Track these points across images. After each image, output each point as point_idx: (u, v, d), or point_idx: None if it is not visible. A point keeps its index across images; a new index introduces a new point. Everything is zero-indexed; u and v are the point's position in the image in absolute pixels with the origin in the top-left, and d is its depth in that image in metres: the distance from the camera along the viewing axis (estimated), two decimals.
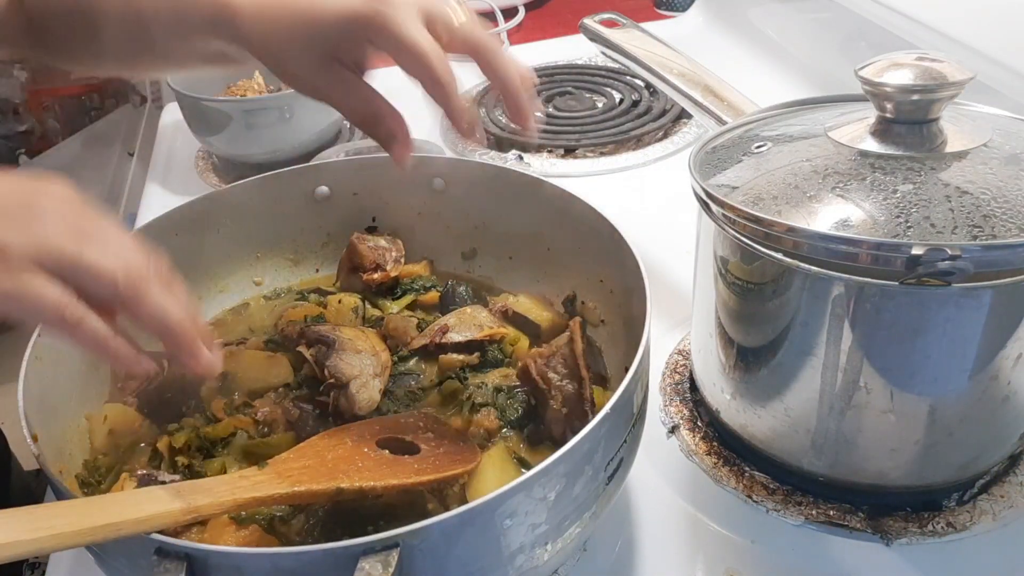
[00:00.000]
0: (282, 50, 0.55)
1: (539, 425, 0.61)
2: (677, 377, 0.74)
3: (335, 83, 0.55)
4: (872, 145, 0.56)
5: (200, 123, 1.09)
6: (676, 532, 0.61)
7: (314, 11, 0.53)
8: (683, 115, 1.15)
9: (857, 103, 0.62)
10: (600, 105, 1.20)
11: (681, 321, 0.79)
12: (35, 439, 0.52)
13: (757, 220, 0.54)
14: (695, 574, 0.59)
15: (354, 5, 0.52)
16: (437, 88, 0.55)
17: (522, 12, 1.57)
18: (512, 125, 1.16)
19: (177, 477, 0.57)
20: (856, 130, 0.58)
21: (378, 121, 0.57)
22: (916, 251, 0.48)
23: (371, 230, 0.79)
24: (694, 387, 0.72)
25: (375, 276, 0.75)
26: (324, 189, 0.77)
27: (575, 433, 0.46)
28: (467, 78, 1.40)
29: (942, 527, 0.59)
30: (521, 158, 1.09)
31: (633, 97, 1.21)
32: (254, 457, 0.58)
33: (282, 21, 0.54)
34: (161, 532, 0.43)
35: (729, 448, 0.67)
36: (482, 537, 0.45)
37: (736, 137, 0.64)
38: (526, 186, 0.72)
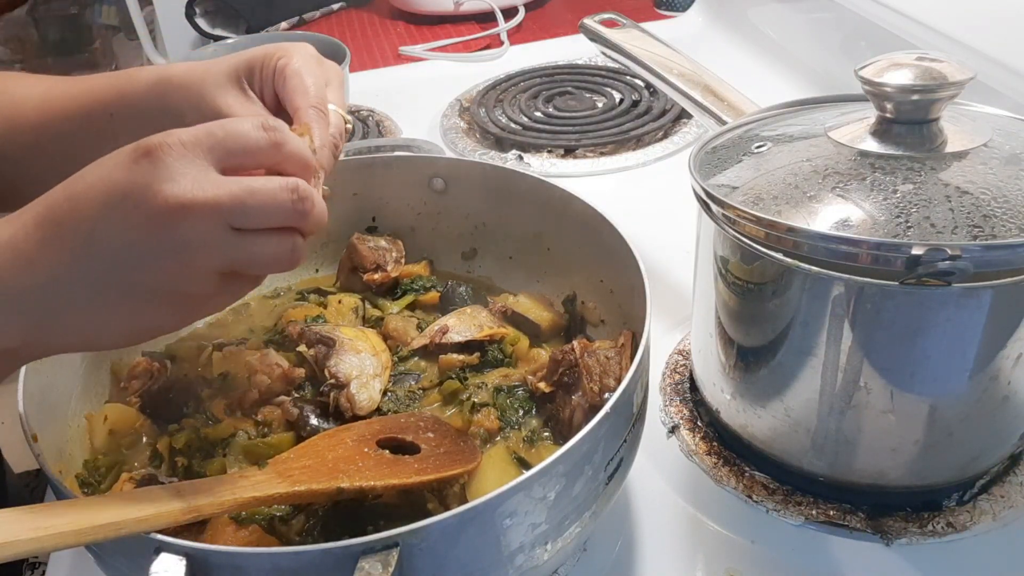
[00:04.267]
0: (206, 79, 0.60)
1: (548, 405, 0.61)
2: (677, 377, 0.74)
3: (242, 100, 0.59)
4: (872, 145, 0.56)
5: None
6: (676, 532, 0.61)
7: (245, 53, 0.60)
8: (683, 115, 1.15)
9: (857, 103, 0.62)
10: (600, 105, 1.20)
11: (681, 321, 0.79)
12: (35, 439, 0.52)
13: (757, 220, 0.54)
14: (695, 574, 0.59)
15: (274, 45, 0.60)
16: (313, 115, 0.57)
17: (522, 12, 1.57)
18: (512, 125, 1.16)
19: (176, 479, 0.57)
20: (856, 130, 0.58)
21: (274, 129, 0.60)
22: (916, 251, 0.48)
23: (371, 230, 0.79)
24: (694, 387, 0.72)
25: (375, 276, 0.75)
26: (324, 189, 0.77)
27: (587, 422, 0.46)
28: (467, 78, 1.41)
29: (942, 527, 0.59)
30: (521, 158, 1.09)
31: (633, 97, 1.21)
32: (254, 457, 0.58)
33: (211, 64, 0.61)
34: (161, 532, 0.43)
35: (729, 448, 0.67)
36: (482, 537, 0.45)
37: (736, 137, 0.64)
38: (526, 186, 0.72)
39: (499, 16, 1.51)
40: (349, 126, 0.59)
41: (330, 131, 0.56)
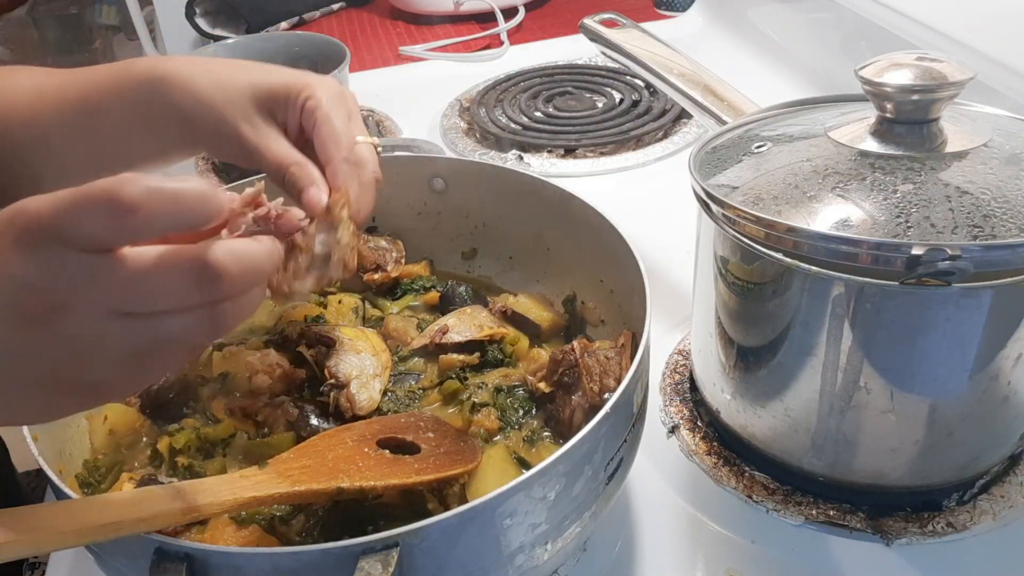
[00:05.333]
0: (228, 107, 0.58)
1: (548, 405, 0.61)
2: (677, 377, 0.74)
3: (267, 133, 0.58)
4: (872, 145, 0.56)
5: None
6: (676, 532, 0.61)
7: (264, 75, 0.59)
8: (683, 115, 1.15)
9: (857, 103, 0.62)
10: (600, 105, 1.20)
11: (681, 321, 0.79)
12: (35, 439, 0.52)
13: (757, 220, 0.54)
14: (695, 574, 0.59)
15: (299, 75, 0.59)
16: (342, 166, 0.56)
17: (522, 12, 1.57)
18: (512, 125, 1.16)
19: (176, 479, 0.57)
20: (856, 130, 0.58)
21: (302, 168, 0.57)
22: (916, 251, 0.48)
23: (371, 230, 0.79)
24: (694, 387, 0.72)
25: (375, 276, 0.75)
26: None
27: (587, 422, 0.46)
28: (467, 78, 1.41)
29: (942, 527, 0.59)
30: (521, 158, 1.09)
31: (633, 97, 1.21)
32: (254, 457, 0.58)
33: (232, 81, 0.58)
34: (161, 532, 0.43)
35: (729, 448, 0.67)
36: (482, 537, 0.45)
37: (736, 137, 0.64)
38: (526, 186, 0.72)
39: (499, 16, 1.51)
40: (379, 150, 0.59)
41: (369, 170, 0.57)
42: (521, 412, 0.62)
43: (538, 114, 1.19)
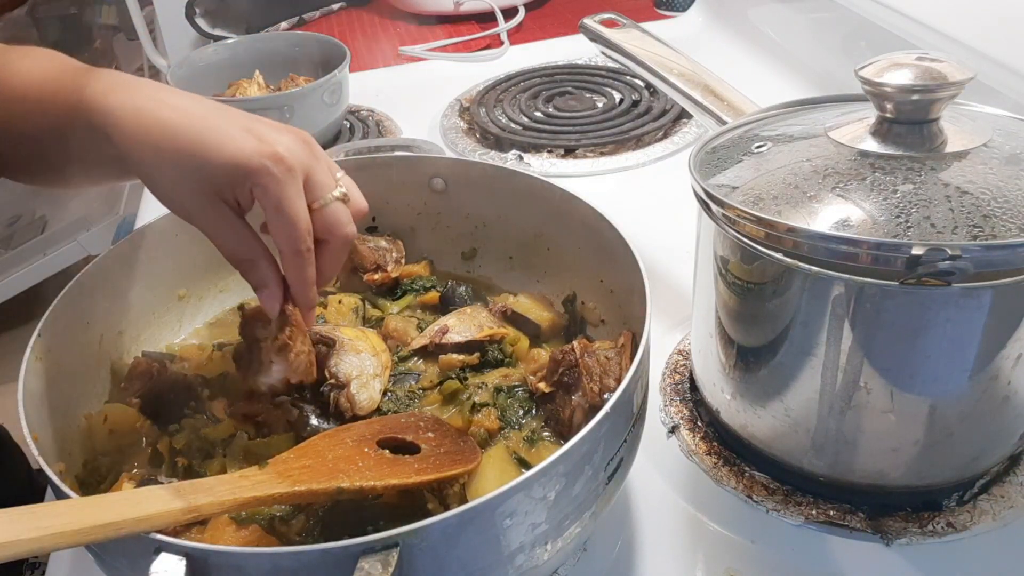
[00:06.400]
0: (164, 179, 0.54)
1: (548, 405, 0.61)
2: (677, 377, 0.74)
3: (215, 220, 0.54)
4: (872, 145, 0.56)
5: None
6: (676, 532, 0.61)
7: (204, 151, 0.52)
8: (683, 115, 1.15)
9: (857, 103, 0.62)
10: (600, 105, 1.20)
11: (681, 321, 0.79)
12: (35, 439, 0.52)
13: (757, 220, 0.54)
14: (695, 574, 0.59)
15: (243, 154, 0.52)
16: (294, 259, 0.55)
17: (522, 12, 1.57)
18: (512, 125, 1.16)
19: (176, 479, 0.57)
20: (856, 130, 0.58)
21: (253, 266, 0.56)
22: (916, 251, 0.48)
23: (371, 230, 0.79)
24: (694, 387, 0.72)
25: (375, 276, 0.75)
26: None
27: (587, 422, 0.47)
28: (467, 78, 1.41)
29: (942, 527, 0.59)
30: (521, 158, 1.09)
31: (633, 97, 1.21)
32: (254, 457, 0.58)
33: (166, 150, 0.53)
34: (161, 532, 0.43)
35: (729, 448, 0.67)
36: (482, 537, 0.45)
37: (736, 137, 0.64)
38: (526, 186, 0.72)
39: (499, 16, 1.51)
40: (341, 191, 0.57)
41: (339, 235, 0.56)
42: (521, 412, 0.62)
43: (538, 114, 1.19)
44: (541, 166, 1.07)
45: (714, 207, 0.57)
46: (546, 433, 0.61)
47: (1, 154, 0.63)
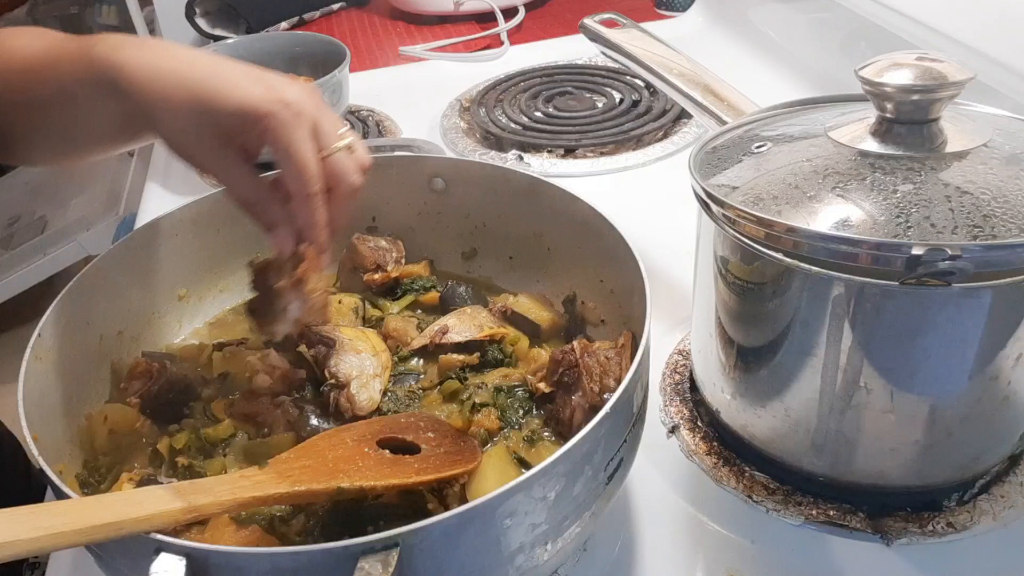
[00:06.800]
0: (175, 126, 0.55)
1: (548, 405, 0.62)
2: (677, 377, 0.74)
3: (225, 165, 0.56)
4: (872, 145, 0.56)
5: None
6: (676, 532, 0.61)
7: (213, 97, 0.53)
8: (683, 115, 1.15)
9: (857, 103, 0.62)
10: (600, 105, 1.20)
11: (681, 321, 0.79)
12: (35, 439, 0.52)
13: (757, 220, 0.54)
14: (695, 574, 0.59)
15: (252, 99, 0.53)
16: (306, 202, 0.55)
17: (522, 12, 1.57)
18: (512, 125, 1.16)
19: (176, 479, 0.57)
20: (856, 130, 0.58)
21: (263, 208, 0.57)
22: (916, 251, 0.48)
23: (371, 230, 0.79)
24: (694, 387, 0.72)
25: (375, 276, 0.75)
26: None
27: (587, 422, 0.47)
28: (467, 78, 1.41)
29: (942, 527, 0.59)
30: (521, 158, 1.09)
31: (633, 97, 1.21)
32: (254, 457, 0.58)
33: (176, 97, 0.54)
34: (161, 532, 0.43)
35: (729, 448, 0.67)
36: (482, 537, 0.45)
37: (736, 137, 0.64)
38: (526, 186, 0.72)
39: (499, 16, 1.51)
40: (358, 147, 0.58)
41: (346, 182, 0.56)
42: (521, 412, 0.62)
43: (538, 114, 1.19)
44: (541, 166, 1.07)
45: (714, 207, 0.57)
46: (546, 433, 0.61)
47: (9, 131, 0.63)
